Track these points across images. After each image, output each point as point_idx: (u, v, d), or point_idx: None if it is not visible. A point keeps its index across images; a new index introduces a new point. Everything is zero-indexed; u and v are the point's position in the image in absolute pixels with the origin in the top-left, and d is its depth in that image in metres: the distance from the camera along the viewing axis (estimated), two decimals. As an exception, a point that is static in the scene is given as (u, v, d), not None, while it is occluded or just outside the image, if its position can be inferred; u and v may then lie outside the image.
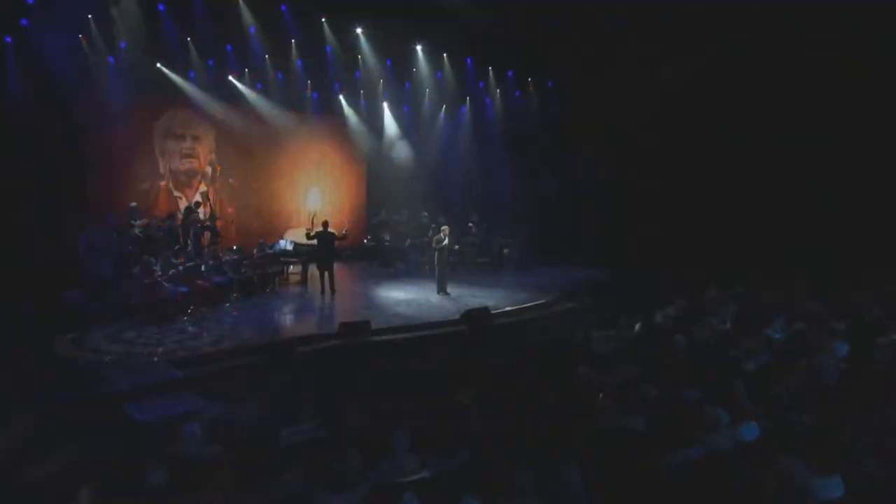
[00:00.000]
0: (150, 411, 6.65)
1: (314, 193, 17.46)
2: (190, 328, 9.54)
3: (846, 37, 12.18)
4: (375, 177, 18.30)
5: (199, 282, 10.74)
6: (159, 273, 9.86)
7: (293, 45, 14.34)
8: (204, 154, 15.10)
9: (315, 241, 12.09)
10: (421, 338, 9.46)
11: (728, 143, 14.21)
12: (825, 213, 13.11)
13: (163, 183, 14.42)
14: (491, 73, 16.98)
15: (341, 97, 16.56)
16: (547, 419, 5.48)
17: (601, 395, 5.72)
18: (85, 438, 6.07)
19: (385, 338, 9.22)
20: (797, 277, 11.09)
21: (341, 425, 5.96)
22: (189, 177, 14.89)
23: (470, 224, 16.56)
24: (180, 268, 10.22)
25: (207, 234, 13.09)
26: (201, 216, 13.19)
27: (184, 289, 10.17)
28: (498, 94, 17.61)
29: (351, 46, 14.80)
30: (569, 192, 16.50)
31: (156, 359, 8.00)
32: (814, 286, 10.22)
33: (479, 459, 4.69)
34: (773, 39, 13.11)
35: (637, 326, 8.51)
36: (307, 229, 12.67)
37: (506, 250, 16.03)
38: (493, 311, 10.44)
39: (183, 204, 14.25)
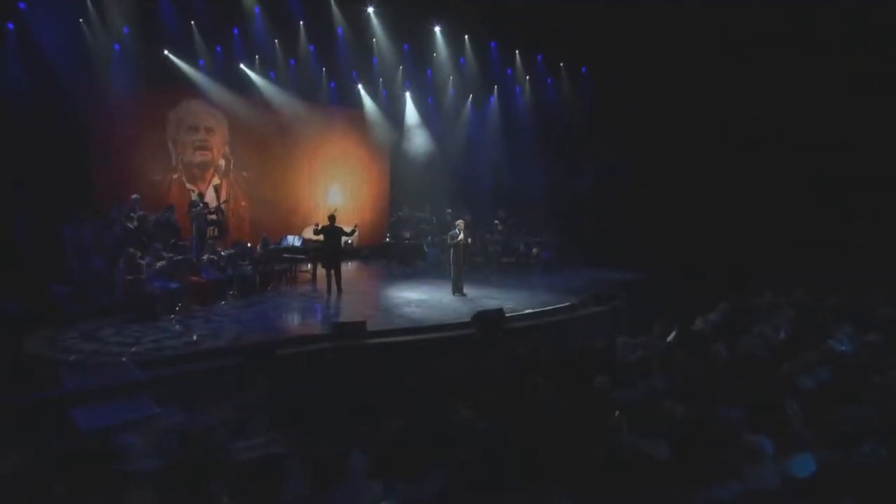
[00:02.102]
0: (97, 417, 5.87)
1: (335, 189, 16.76)
2: (177, 327, 8.82)
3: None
4: (398, 171, 17.49)
5: (194, 278, 10.03)
6: (146, 267, 9.16)
7: (301, 27, 13.55)
8: (217, 146, 14.59)
9: (321, 237, 11.29)
10: (423, 341, 8.46)
11: (786, 134, 12.81)
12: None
13: (175, 175, 13.98)
14: (518, 57, 15.76)
15: (360, 87, 15.76)
16: (552, 438, 4.57)
17: (617, 412, 4.71)
18: (19, 447, 5.37)
19: (382, 340, 8.26)
20: (864, 282, 9.67)
21: (301, 441, 5.20)
22: (202, 169, 14.41)
23: (496, 221, 15.55)
24: (167, 262, 9.50)
25: (214, 229, 12.56)
26: (210, 209, 12.65)
27: (174, 285, 9.47)
28: (527, 82, 16.42)
29: (363, 28, 13.85)
30: (604, 187, 15.32)
31: (124, 359, 7.25)
32: (887, 291, 8.79)
33: (456, 485, 3.83)
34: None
35: (672, 334, 7.44)
36: (315, 224, 11.89)
37: (534, 249, 14.91)
38: (508, 314, 9.34)
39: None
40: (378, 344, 8.17)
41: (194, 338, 8.17)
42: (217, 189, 14.01)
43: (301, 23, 13.36)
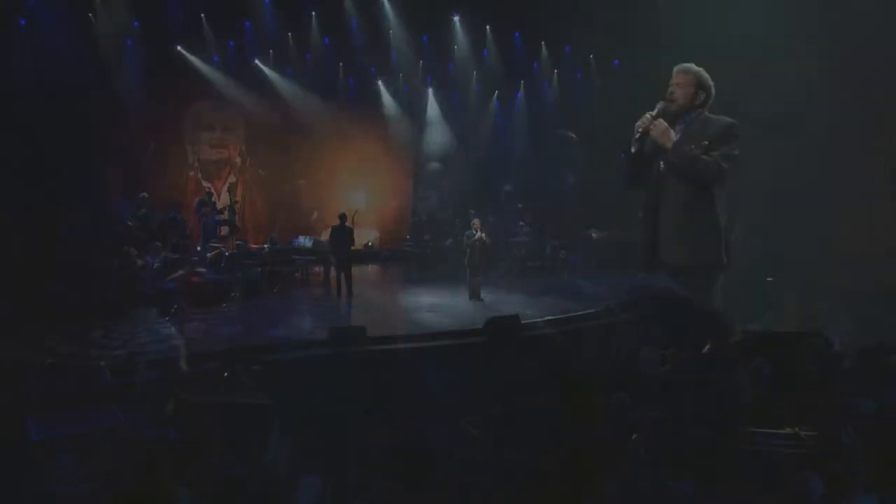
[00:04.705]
0: (53, 427, 5.38)
1: (355, 190, 16.29)
2: (171, 329, 8.35)
3: None
4: (420, 172, 16.93)
5: (193, 279, 9.58)
6: (142, 266, 8.74)
7: (313, 18, 13.05)
8: (233, 144, 14.41)
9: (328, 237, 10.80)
10: (428, 349, 7.76)
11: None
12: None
13: (191, 173, 13.84)
14: (544, 49, 14.88)
15: (380, 83, 15.23)
16: (554, 466, 3.89)
17: (633, 437, 3.98)
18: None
19: (382, 347, 7.57)
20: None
21: (258, 464, 4.61)
22: (218, 167, 14.27)
23: (521, 223, 14.72)
24: (163, 260, 9.08)
25: (225, 229, 12.20)
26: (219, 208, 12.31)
27: (171, 285, 9.03)
28: (556, 76, 15.55)
29: (378, 19, 13.22)
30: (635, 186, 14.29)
31: (102, 363, 6.77)
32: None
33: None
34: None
35: (707, 345, 6.57)
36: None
37: (562, 253, 14.02)
38: (524, 321, 8.53)
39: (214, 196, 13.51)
40: (374, 351, 7.49)
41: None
42: (231, 189, 13.71)
43: (313, 13, 12.88)
